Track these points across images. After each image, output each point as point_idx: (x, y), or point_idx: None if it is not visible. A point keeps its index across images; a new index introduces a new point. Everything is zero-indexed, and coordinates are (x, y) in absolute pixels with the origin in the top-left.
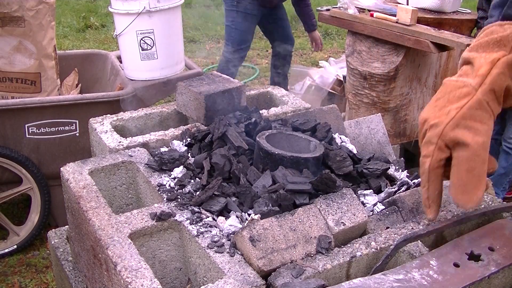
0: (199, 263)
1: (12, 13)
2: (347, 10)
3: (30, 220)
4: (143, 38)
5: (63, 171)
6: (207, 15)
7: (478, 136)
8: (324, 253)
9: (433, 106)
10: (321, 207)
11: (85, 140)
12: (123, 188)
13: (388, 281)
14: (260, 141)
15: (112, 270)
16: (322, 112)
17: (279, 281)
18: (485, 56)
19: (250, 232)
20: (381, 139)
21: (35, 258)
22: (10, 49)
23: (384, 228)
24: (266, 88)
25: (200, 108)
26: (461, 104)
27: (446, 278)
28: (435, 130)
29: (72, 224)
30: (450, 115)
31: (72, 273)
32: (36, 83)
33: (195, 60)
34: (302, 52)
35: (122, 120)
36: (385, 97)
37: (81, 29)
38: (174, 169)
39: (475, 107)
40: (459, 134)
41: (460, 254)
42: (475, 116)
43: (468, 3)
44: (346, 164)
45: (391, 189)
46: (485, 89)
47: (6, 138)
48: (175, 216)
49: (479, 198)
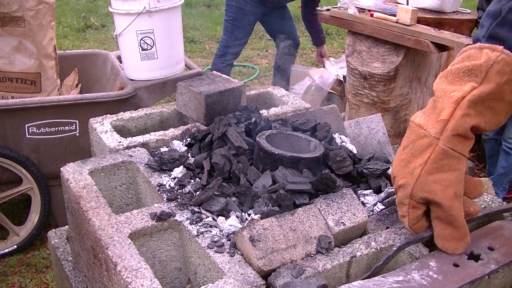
0: (199, 263)
1: (12, 13)
2: (347, 10)
3: (30, 220)
4: (143, 38)
5: (63, 171)
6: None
7: (447, 190)
8: (324, 253)
9: (399, 160)
10: (321, 207)
11: (85, 140)
12: (123, 188)
13: (387, 283)
14: (260, 141)
15: (112, 270)
16: (322, 112)
17: (279, 281)
18: (449, 93)
19: (250, 232)
20: (381, 139)
21: (35, 258)
22: (10, 49)
23: (384, 228)
24: (266, 88)
25: (200, 108)
26: (424, 160)
27: (446, 277)
28: (404, 192)
29: (72, 224)
30: (415, 174)
31: (72, 273)
32: (36, 83)
33: (195, 60)
34: (302, 52)
35: (122, 120)
36: (385, 97)
37: (81, 29)
38: (174, 169)
39: (439, 159)
40: (427, 193)
41: (460, 254)
42: (441, 167)
43: (468, 3)
44: (346, 164)
45: (391, 189)
46: (447, 136)
47: (6, 138)
48: (175, 216)
49: (466, 242)
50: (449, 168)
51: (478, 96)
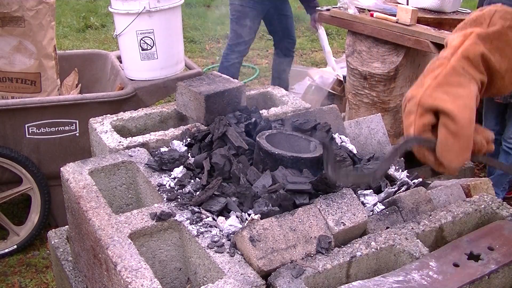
0: (199, 263)
1: (12, 13)
2: (347, 10)
3: (30, 220)
4: (143, 38)
5: (63, 171)
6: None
7: (458, 100)
8: (324, 253)
9: (414, 85)
10: (321, 207)
11: (85, 140)
12: (123, 188)
13: (387, 283)
14: (260, 141)
15: (112, 270)
16: (322, 112)
17: (279, 281)
18: (460, 33)
19: (250, 232)
20: (381, 139)
21: (35, 258)
22: (10, 49)
23: (384, 228)
24: (266, 88)
25: (200, 108)
26: (436, 74)
27: (446, 277)
28: (413, 101)
29: (72, 224)
30: (426, 84)
31: (72, 273)
32: (36, 83)
33: (195, 60)
34: (302, 52)
35: (122, 120)
36: (385, 97)
37: (81, 29)
38: (174, 169)
39: (450, 74)
40: (437, 100)
41: (460, 255)
42: (452, 82)
43: (468, 3)
44: (346, 164)
45: (391, 189)
46: (457, 56)
47: (6, 138)
48: (175, 216)
49: (465, 158)
50: (459, 84)
51: (485, 34)
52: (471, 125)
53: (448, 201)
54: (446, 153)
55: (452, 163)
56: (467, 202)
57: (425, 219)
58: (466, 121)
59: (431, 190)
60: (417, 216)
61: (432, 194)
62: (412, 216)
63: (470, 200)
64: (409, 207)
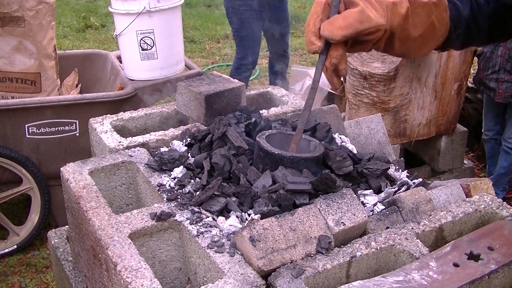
0: (199, 263)
1: (12, 13)
2: None
3: (30, 220)
4: (143, 38)
5: (63, 171)
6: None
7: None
8: (324, 253)
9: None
10: (321, 207)
11: (85, 140)
12: (123, 188)
13: (387, 283)
14: (260, 141)
15: (112, 270)
16: (322, 112)
17: (279, 281)
18: None
19: (250, 232)
20: (381, 139)
21: (35, 258)
22: (10, 49)
23: (384, 228)
24: (266, 88)
25: (200, 108)
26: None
27: (446, 277)
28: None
29: (72, 224)
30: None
31: (72, 273)
32: (36, 83)
33: (195, 60)
34: (302, 52)
35: (122, 120)
36: (385, 97)
37: (81, 29)
38: (174, 169)
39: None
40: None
41: (460, 255)
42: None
43: None
44: (346, 164)
45: (391, 189)
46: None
47: (6, 138)
48: (175, 216)
49: (345, 34)
50: (376, 8)
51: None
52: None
53: (448, 201)
54: (327, 26)
55: (332, 33)
56: (467, 202)
57: (425, 219)
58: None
59: (431, 190)
60: (417, 216)
61: (432, 194)
62: (412, 216)
63: (470, 200)
64: (409, 207)
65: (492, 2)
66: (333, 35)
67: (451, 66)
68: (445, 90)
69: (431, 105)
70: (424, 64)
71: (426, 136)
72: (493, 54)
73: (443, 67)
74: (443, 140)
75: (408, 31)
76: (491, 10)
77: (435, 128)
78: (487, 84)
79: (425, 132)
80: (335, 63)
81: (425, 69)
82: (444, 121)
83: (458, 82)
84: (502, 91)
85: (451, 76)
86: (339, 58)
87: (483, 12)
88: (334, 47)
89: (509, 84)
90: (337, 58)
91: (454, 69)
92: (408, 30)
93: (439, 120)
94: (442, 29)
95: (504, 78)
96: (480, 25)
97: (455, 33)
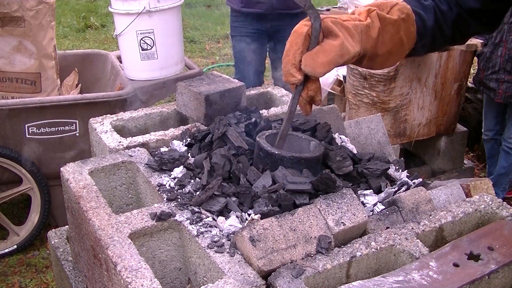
0: (199, 263)
1: (12, 13)
2: (347, 10)
3: (30, 220)
4: (143, 38)
5: (63, 171)
6: (207, 15)
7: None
8: (324, 253)
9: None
10: (321, 207)
11: (85, 140)
12: (123, 188)
13: (387, 283)
14: (260, 141)
15: (112, 270)
16: (322, 112)
17: (279, 281)
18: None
19: (250, 232)
20: (381, 139)
21: (35, 258)
22: (10, 49)
23: (384, 228)
24: (266, 88)
25: (200, 108)
26: (343, 19)
27: (446, 277)
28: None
29: (72, 224)
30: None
31: (72, 273)
32: (36, 83)
33: (195, 60)
34: None
35: (122, 120)
36: (385, 97)
37: (81, 29)
38: (174, 169)
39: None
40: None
41: (460, 255)
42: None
43: None
44: (346, 164)
45: (391, 189)
46: (363, 20)
47: (6, 138)
48: (175, 216)
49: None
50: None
51: (383, 16)
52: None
53: (448, 201)
54: (308, 60)
55: (314, 68)
56: (467, 202)
57: (425, 219)
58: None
59: (431, 190)
60: (417, 216)
61: (432, 194)
62: (412, 216)
63: (470, 200)
64: (409, 207)
65: (455, 8)
66: (315, 72)
67: (451, 66)
68: (445, 90)
69: (431, 105)
70: (424, 64)
71: (426, 136)
72: (493, 54)
73: (443, 67)
74: (443, 140)
75: (377, 49)
76: (455, 15)
77: (435, 128)
78: (487, 84)
79: (425, 132)
80: (312, 95)
81: (425, 69)
82: (444, 121)
83: (458, 82)
84: (502, 91)
85: (451, 76)
86: (316, 91)
87: (446, 18)
88: (312, 81)
89: (509, 84)
90: (314, 90)
91: (454, 69)
92: (377, 48)
93: (439, 120)
94: (410, 43)
95: (504, 78)
96: (444, 32)
97: (421, 43)
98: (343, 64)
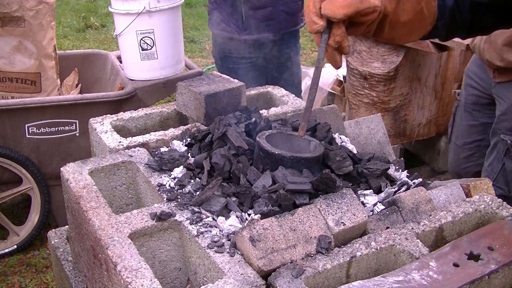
0: (199, 263)
1: (12, 13)
2: None
3: (30, 220)
4: (143, 38)
5: (63, 171)
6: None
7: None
8: (324, 253)
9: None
10: (321, 207)
11: (85, 140)
12: (123, 188)
13: (387, 283)
14: (260, 141)
15: (112, 270)
16: (322, 112)
17: (279, 281)
18: None
19: (250, 232)
20: (381, 139)
21: (35, 258)
22: (10, 49)
23: (384, 228)
24: (266, 88)
25: (200, 108)
26: None
27: (446, 277)
28: None
29: (72, 224)
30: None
31: (72, 273)
32: (36, 83)
33: (195, 60)
34: (302, 52)
35: (122, 120)
36: (385, 97)
37: (81, 29)
38: (174, 169)
39: None
40: None
41: (460, 255)
42: None
43: None
44: (346, 164)
45: (391, 189)
46: None
47: (6, 138)
48: (175, 216)
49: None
50: None
51: None
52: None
53: (448, 201)
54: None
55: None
56: (467, 202)
57: (425, 219)
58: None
59: (431, 190)
60: (417, 216)
61: (432, 194)
62: (412, 216)
63: (470, 200)
64: (409, 207)
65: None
66: (335, 14)
67: (451, 66)
68: (445, 90)
69: (431, 105)
70: (424, 64)
71: (426, 136)
72: None
73: (443, 67)
74: (443, 140)
75: (398, 15)
76: (470, 2)
77: (435, 128)
78: None
79: (425, 132)
80: (339, 41)
81: (425, 69)
82: (444, 121)
83: (458, 82)
84: None
85: (451, 76)
86: (342, 36)
87: (465, 3)
88: (336, 25)
89: None
90: (340, 36)
91: (454, 69)
92: (398, 14)
93: (439, 120)
94: (431, 17)
95: None
96: (463, 14)
97: (441, 22)
98: (364, 19)
